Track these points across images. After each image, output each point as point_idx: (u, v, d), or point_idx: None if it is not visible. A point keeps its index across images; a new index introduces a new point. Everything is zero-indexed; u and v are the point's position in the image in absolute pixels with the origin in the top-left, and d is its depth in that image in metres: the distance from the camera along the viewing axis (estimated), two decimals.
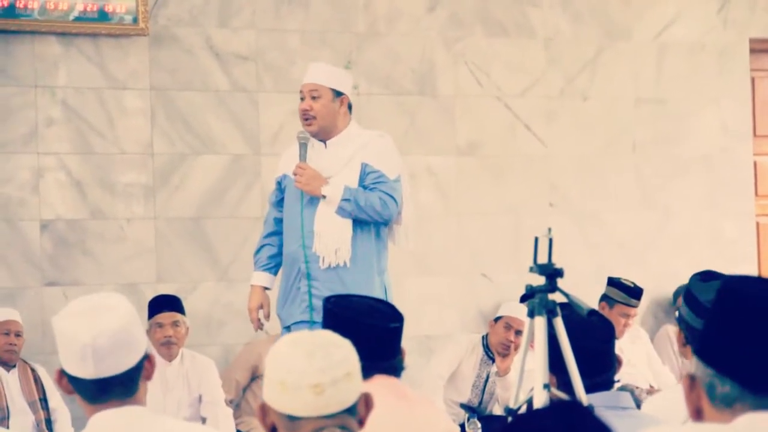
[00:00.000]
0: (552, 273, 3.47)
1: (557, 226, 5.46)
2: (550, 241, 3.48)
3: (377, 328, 3.28)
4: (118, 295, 2.75)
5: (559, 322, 3.40)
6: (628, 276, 7.19)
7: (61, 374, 2.73)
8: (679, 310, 3.75)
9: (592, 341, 3.41)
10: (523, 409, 3.52)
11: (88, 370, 2.66)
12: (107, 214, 6.71)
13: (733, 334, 2.00)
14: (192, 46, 6.87)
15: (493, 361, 6.71)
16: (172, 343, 6.30)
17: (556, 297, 3.50)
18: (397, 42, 7.26)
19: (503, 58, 7.48)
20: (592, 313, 3.46)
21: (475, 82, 7.42)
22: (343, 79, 5.38)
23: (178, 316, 6.35)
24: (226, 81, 6.93)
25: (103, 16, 6.61)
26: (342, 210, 5.17)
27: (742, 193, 8.01)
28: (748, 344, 1.98)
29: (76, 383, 2.70)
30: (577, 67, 7.65)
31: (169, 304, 6.37)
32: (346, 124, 5.32)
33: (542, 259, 3.49)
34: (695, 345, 2.06)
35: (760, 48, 8.14)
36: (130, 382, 2.70)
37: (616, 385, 3.47)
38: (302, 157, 5.25)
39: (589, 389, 3.31)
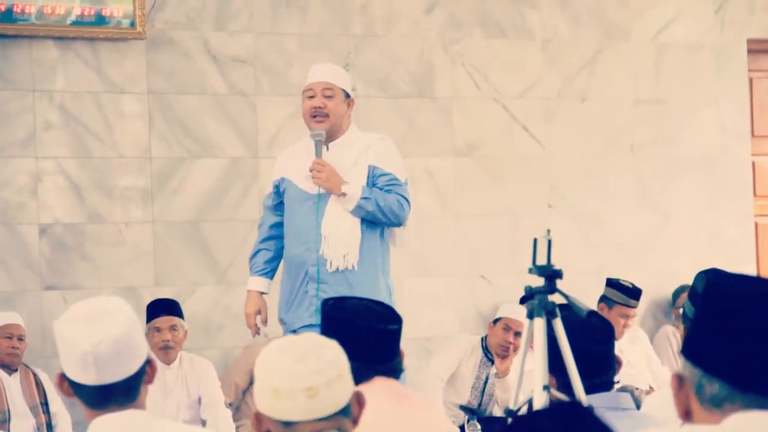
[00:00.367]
0: (551, 274, 3.47)
1: (556, 227, 5.46)
2: (549, 243, 3.48)
3: (376, 331, 3.28)
4: (119, 299, 2.74)
5: (559, 324, 3.40)
6: (628, 277, 7.19)
7: (62, 378, 2.72)
8: (684, 308, 3.75)
9: (592, 342, 3.41)
10: (523, 411, 3.51)
11: (89, 376, 2.65)
12: (105, 218, 6.70)
13: (720, 334, 1.98)
14: (189, 50, 6.87)
15: (493, 362, 6.71)
16: (170, 348, 6.30)
17: (556, 298, 3.50)
18: (394, 44, 7.26)
19: (501, 59, 7.48)
20: (592, 314, 3.45)
21: (473, 83, 7.42)
22: (349, 83, 5.39)
23: (176, 320, 6.34)
24: (224, 84, 6.93)
25: (101, 20, 6.60)
26: (360, 209, 5.10)
27: (741, 194, 8.01)
28: (736, 343, 1.97)
29: (77, 388, 2.69)
30: (576, 68, 7.65)
31: (167, 308, 6.37)
32: (347, 127, 5.31)
33: (541, 261, 3.48)
34: (682, 346, 2.05)
35: (758, 48, 8.14)
36: (131, 388, 2.69)
37: (616, 386, 3.46)
38: (318, 154, 5.17)
39: (589, 390, 3.31)
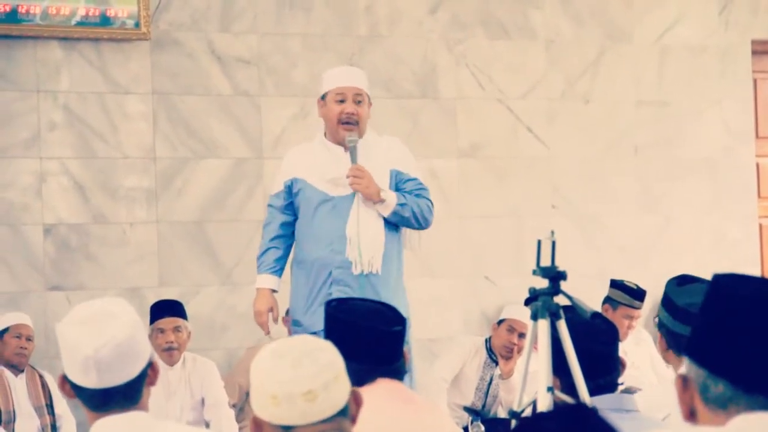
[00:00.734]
0: (555, 276, 3.47)
1: (559, 229, 5.46)
2: (553, 244, 3.48)
3: (379, 332, 3.28)
4: (122, 301, 2.73)
5: (563, 325, 3.40)
6: (631, 278, 7.19)
7: (64, 380, 2.71)
8: (658, 316, 3.82)
9: (596, 344, 3.41)
10: (527, 412, 3.52)
11: (91, 380, 2.64)
12: (110, 219, 6.71)
13: (725, 334, 1.98)
14: (194, 51, 6.87)
15: (497, 363, 6.71)
16: (174, 349, 6.30)
17: (560, 299, 3.50)
18: (398, 44, 7.27)
19: (505, 60, 7.48)
20: (596, 315, 3.45)
21: (476, 84, 7.42)
22: None
23: (180, 321, 6.34)
24: (228, 85, 6.93)
25: (105, 20, 6.61)
26: (395, 214, 5.14)
27: (745, 195, 8.00)
28: (741, 344, 1.96)
29: (79, 391, 2.69)
30: (579, 70, 7.65)
31: (170, 309, 6.36)
32: (366, 130, 5.33)
33: (545, 262, 3.48)
34: (686, 346, 2.05)
35: (762, 50, 8.14)
36: (133, 391, 2.68)
37: (620, 388, 3.47)
38: (354, 160, 5.15)
39: (593, 392, 3.31)
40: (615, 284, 7.09)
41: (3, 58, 6.54)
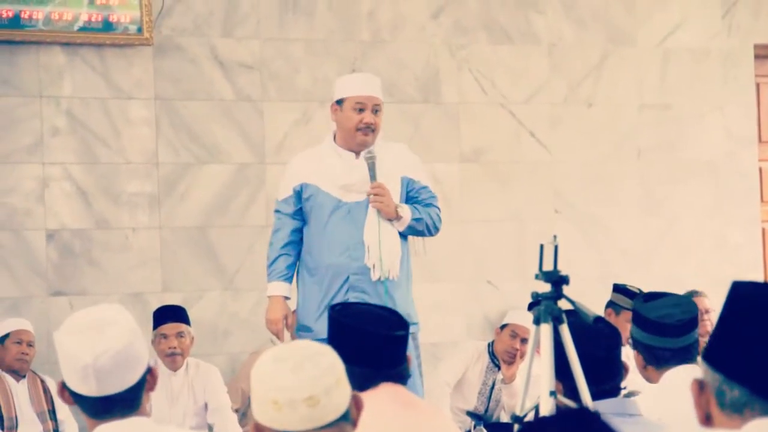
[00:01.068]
0: (557, 280, 3.47)
1: (562, 233, 5.47)
2: (556, 248, 3.47)
3: (382, 336, 3.28)
4: (120, 308, 2.71)
5: (565, 329, 3.40)
6: (634, 282, 7.18)
7: (63, 387, 2.70)
8: (631, 336, 3.87)
9: (599, 348, 3.41)
10: (529, 417, 3.51)
11: (90, 388, 2.63)
12: (112, 224, 6.71)
13: (743, 340, 2.00)
14: (196, 56, 6.88)
15: (499, 368, 6.70)
16: (177, 354, 6.29)
17: (562, 304, 3.50)
18: (401, 49, 7.27)
19: (507, 64, 7.48)
20: (598, 320, 3.45)
21: (479, 88, 7.42)
22: None
23: (183, 326, 6.34)
24: (231, 90, 6.94)
25: (108, 26, 6.62)
26: (410, 229, 5.21)
27: (748, 199, 8.00)
28: (757, 350, 1.98)
29: (78, 399, 2.68)
30: (582, 74, 7.65)
31: (173, 314, 6.36)
32: None
33: (548, 266, 3.48)
34: (704, 351, 2.06)
35: (765, 54, 8.14)
36: (133, 397, 2.67)
37: (623, 392, 3.46)
38: (373, 176, 5.17)
39: (596, 396, 3.31)
40: (618, 289, 7.08)
41: (6, 64, 6.54)
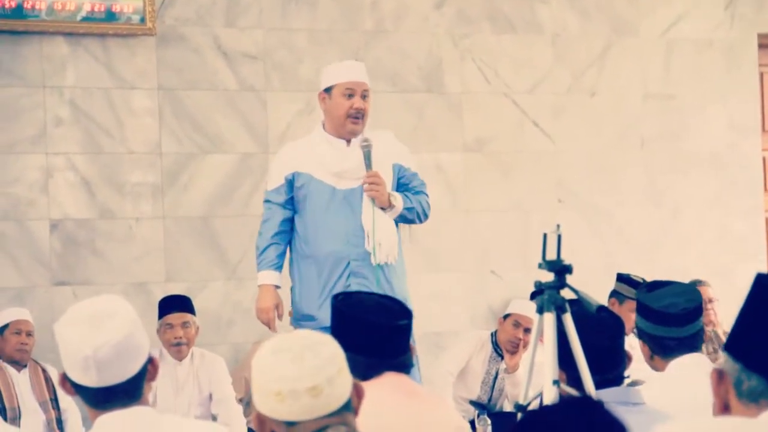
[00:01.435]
0: (561, 269, 3.47)
1: (565, 223, 5.46)
2: (559, 238, 3.47)
3: (386, 326, 3.28)
4: (120, 299, 2.70)
5: (569, 319, 3.40)
6: (637, 272, 7.18)
7: (64, 378, 2.70)
8: (636, 326, 3.86)
9: (602, 337, 3.41)
10: (533, 406, 3.52)
11: (91, 379, 2.63)
12: (116, 214, 6.71)
13: (762, 330, 2.01)
14: (199, 46, 6.88)
15: (502, 357, 6.71)
16: (182, 344, 6.30)
17: (565, 293, 3.50)
18: (404, 39, 7.26)
19: (511, 54, 7.48)
20: (602, 309, 3.46)
21: (482, 78, 7.42)
22: None
23: (188, 316, 6.34)
24: (234, 80, 6.94)
25: (111, 16, 6.62)
26: (401, 217, 5.24)
27: (751, 189, 7.99)
28: None
29: (79, 389, 2.68)
30: (585, 63, 7.65)
31: (178, 304, 6.36)
32: None
33: (551, 256, 3.48)
34: (726, 341, 2.07)
35: None
36: (134, 387, 2.67)
37: (626, 381, 3.47)
38: (369, 165, 5.18)
39: (599, 385, 3.31)
40: (621, 278, 7.07)
41: (9, 54, 6.54)
